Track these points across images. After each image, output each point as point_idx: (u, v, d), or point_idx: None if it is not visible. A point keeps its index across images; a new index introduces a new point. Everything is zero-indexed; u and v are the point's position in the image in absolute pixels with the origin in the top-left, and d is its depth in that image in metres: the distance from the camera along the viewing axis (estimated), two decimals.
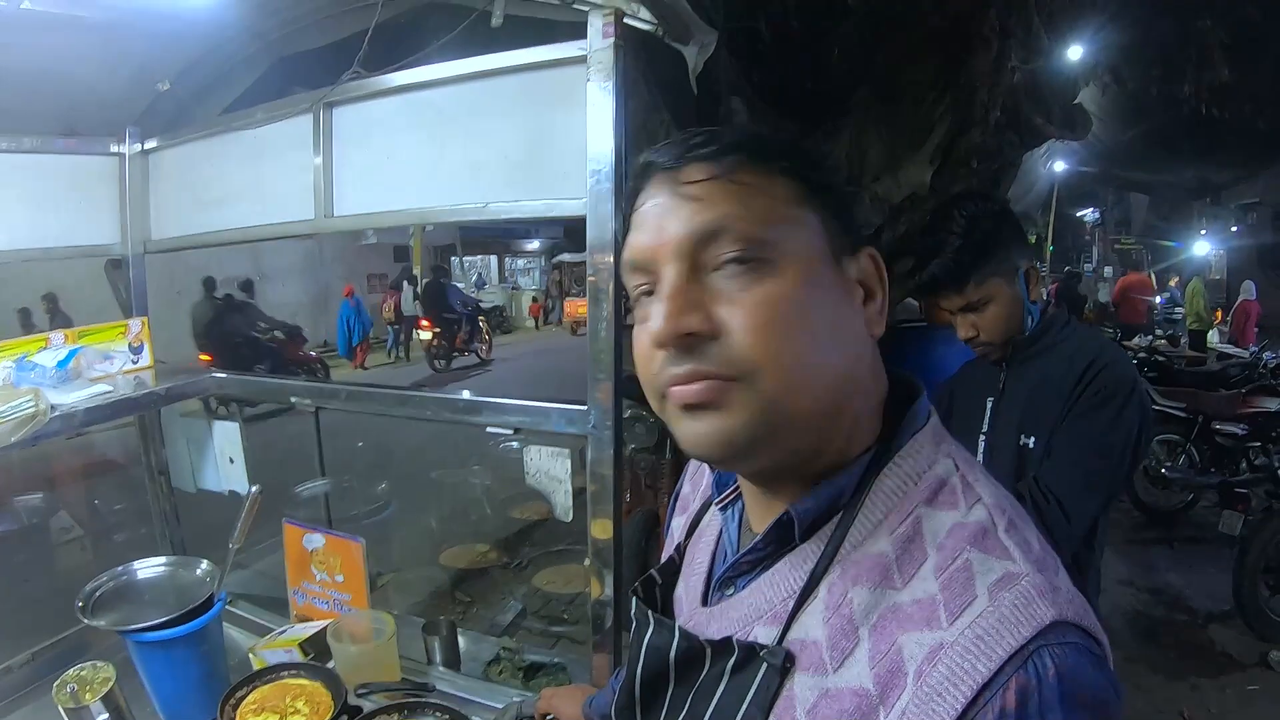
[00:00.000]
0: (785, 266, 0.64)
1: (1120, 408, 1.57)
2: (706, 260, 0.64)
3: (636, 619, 0.79)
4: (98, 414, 1.71)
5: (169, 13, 1.73)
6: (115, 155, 2.16)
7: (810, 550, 0.67)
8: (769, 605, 0.68)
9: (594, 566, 1.50)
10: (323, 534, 1.79)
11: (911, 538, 0.63)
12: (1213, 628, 4.28)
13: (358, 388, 1.87)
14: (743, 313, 0.62)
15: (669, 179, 0.67)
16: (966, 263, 1.65)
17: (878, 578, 0.62)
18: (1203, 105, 6.07)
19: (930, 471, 0.67)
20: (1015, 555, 0.61)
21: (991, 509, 0.64)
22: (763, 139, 0.68)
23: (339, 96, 1.73)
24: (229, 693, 1.47)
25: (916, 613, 0.59)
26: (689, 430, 0.65)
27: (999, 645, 0.55)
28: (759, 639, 0.67)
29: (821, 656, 0.62)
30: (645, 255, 0.67)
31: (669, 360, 0.64)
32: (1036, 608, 0.56)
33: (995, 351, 1.75)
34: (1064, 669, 0.54)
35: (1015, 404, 1.73)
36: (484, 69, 1.52)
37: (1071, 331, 1.73)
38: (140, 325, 2.10)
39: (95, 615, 1.57)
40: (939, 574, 0.60)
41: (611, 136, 1.35)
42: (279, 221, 1.92)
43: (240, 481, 2.04)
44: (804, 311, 0.64)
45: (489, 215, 1.56)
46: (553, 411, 1.51)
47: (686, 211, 0.65)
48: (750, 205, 0.64)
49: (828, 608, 0.63)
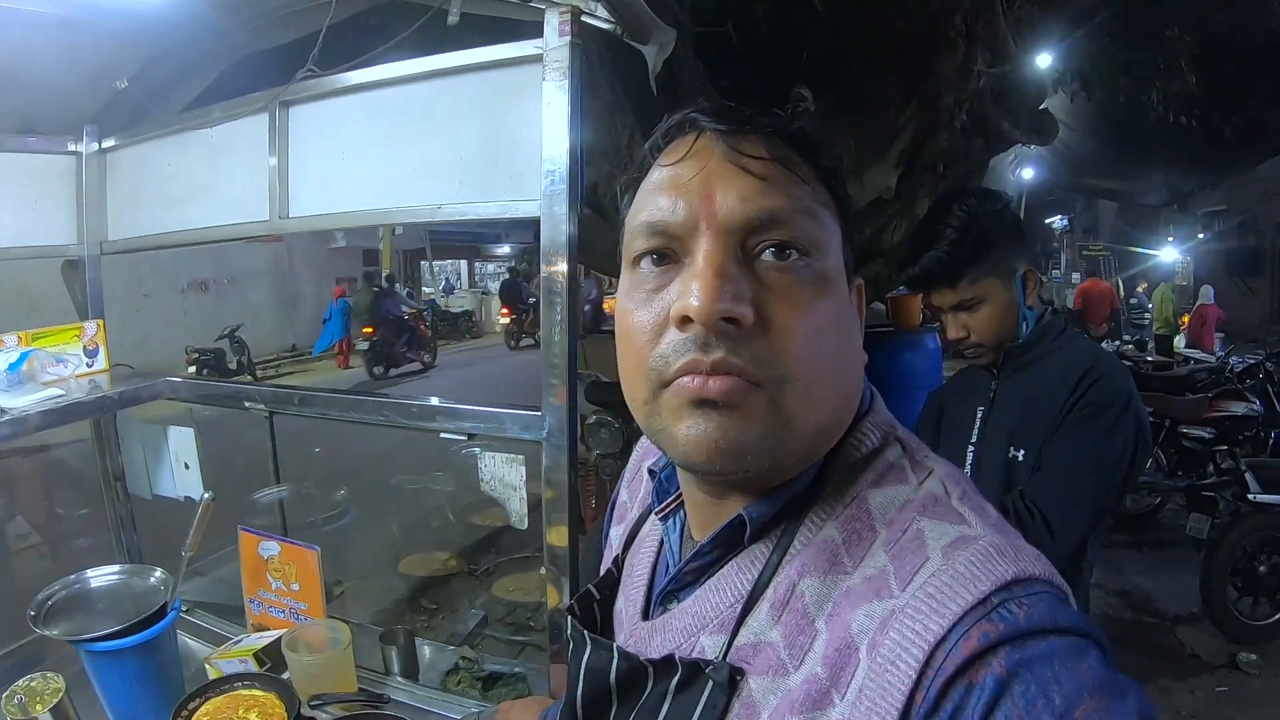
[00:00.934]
0: (825, 273, 0.61)
1: (1114, 421, 1.51)
2: (752, 246, 0.59)
3: (573, 639, 0.73)
4: (50, 418, 1.68)
5: (127, 11, 1.72)
6: (72, 154, 2.12)
7: (759, 551, 0.63)
8: (715, 612, 0.64)
9: (551, 574, 1.49)
10: (278, 541, 1.76)
11: (858, 517, 0.60)
12: (1181, 629, 4.32)
13: (310, 392, 1.84)
14: (788, 312, 0.58)
15: (722, 143, 0.60)
16: (961, 258, 1.60)
17: (826, 565, 0.59)
18: (1170, 113, 6.16)
19: (879, 456, 0.64)
20: (970, 520, 0.57)
21: (944, 479, 0.62)
22: (820, 135, 0.65)
23: (295, 95, 1.71)
24: (180, 704, 1.44)
25: (867, 589, 0.55)
26: (694, 431, 0.57)
27: (953, 601, 0.51)
28: (705, 649, 0.63)
29: (779, 657, 0.57)
30: (680, 221, 0.60)
31: (693, 343, 0.57)
32: (996, 564, 0.52)
33: (985, 355, 1.69)
34: (1036, 613, 0.50)
35: (1005, 414, 1.66)
36: (440, 68, 1.50)
37: (1067, 340, 1.67)
38: (96, 328, 2.06)
39: (48, 625, 1.54)
40: (889, 547, 0.57)
41: (567, 137, 1.33)
42: (235, 222, 1.88)
43: (195, 487, 2.00)
44: (834, 326, 0.61)
45: (443, 216, 1.53)
46: (506, 417, 1.49)
47: (747, 187, 0.59)
48: (804, 200, 0.60)
49: (778, 605, 0.59)
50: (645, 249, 0.62)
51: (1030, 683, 0.47)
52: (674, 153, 0.63)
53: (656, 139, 0.66)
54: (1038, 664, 0.48)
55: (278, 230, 1.80)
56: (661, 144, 0.65)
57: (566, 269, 1.36)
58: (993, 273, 1.61)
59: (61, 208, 2.13)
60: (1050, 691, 0.46)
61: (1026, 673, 0.47)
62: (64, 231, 2.13)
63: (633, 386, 0.63)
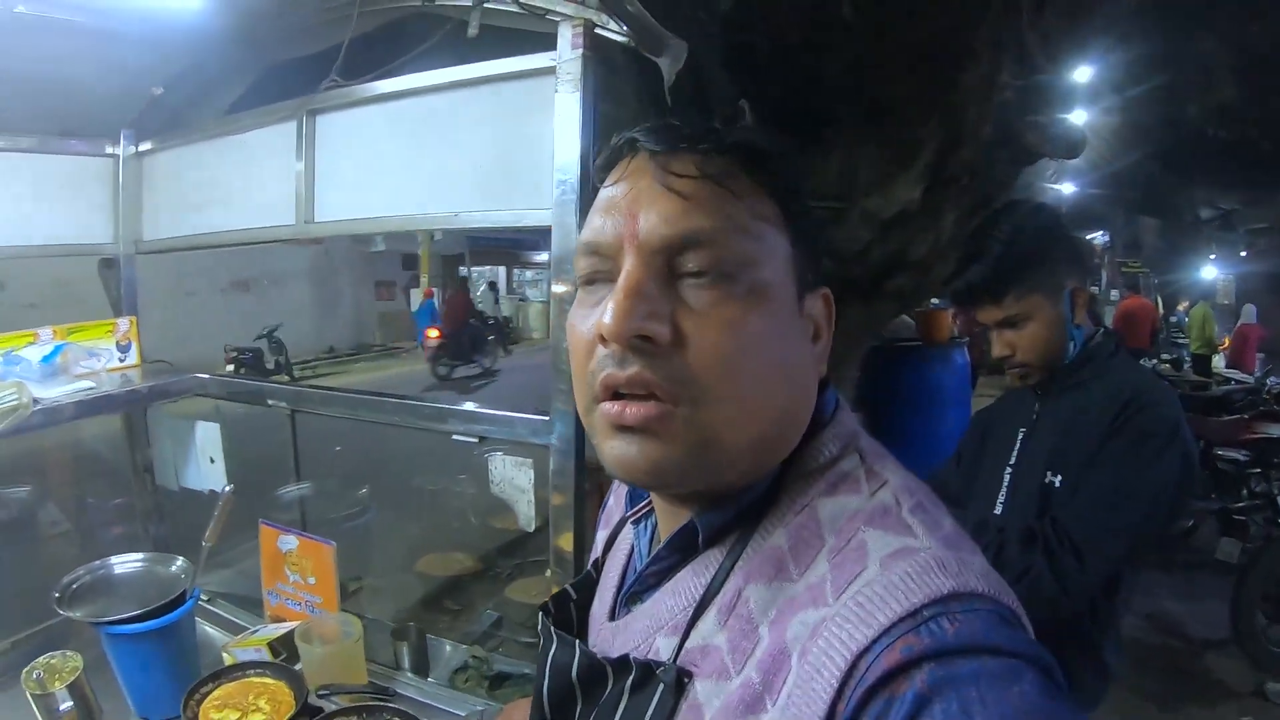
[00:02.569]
0: (756, 290, 0.60)
1: (1158, 451, 1.41)
2: (677, 265, 0.60)
3: (542, 635, 0.76)
4: (81, 409, 1.74)
5: (163, 20, 1.77)
6: (110, 157, 2.21)
7: (713, 557, 0.64)
8: (670, 615, 0.65)
9: (556, 576, 1.51)
10: (297, 536, 1.81)
11: (807, 525, 0.60)
12: (1209, 656, 4.22)
13: (330, 392, 1.89)
14: (708, 330, 0.58)
15: (653, 164, 0.61)
16: (1007, 273, 1.53)
17: (773, 572, 0.59)
18: (1209, 127, 6.03)
19: (835, 465, 0.64)
20: (918, 532, 0.56)
21: (897, 491, 0.61)
22: (759, 147, 0.64)
23: (321, 104, 1.76)
24: (193, 688, 1.48)
25: (807, 596, 0.56)
26: (616, 452, 0.60)
27: (881, 612, 0.50)
28: (660, 650, 0.65)
29: (723, 660, 0.58)
30: (609, 240, 0.61)
31: (612, 359, 0.59)
32: (934, 577, 0.51)
33: (1032, 375, 1.61)
34: (969, 631, 0.48)
35: (1046, 437, 1.59)
36: (459, 79, 1.55)
37: (1118, 364, 1.59)
38: (129, 324, 2.13)
39: (71, 607, 1.59)
40: (832, 556, 0.57)
41: (579, 147, 1.37)
42: (264, 225, 1.94)
43: (219, 480, 2.06)
44: (765, 342, 0.60)
45: (459, 224, 1.58)
46: (516, 421, 1.52)
47: (670, 208, 0.59)
48: (736, 217, 0.60)
49: (725, 610, 0.61)
50: (581, 266, 0.65)
51: (952, 701, 0.45)
52: (614, 173, 0.65)
53: (603, 160, 0.67)
54: (963, 683, 0.46)
55: (304, 234, 1.85)
56: (606, 165, 0.67)
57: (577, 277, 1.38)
58: (1039, 289, 1.54)
59: (99, 208, 2.21)
60: (973, 712, 0.45)
61: (950, 690, 0.46)
62: (101, 231, 2.22)
63: (579, 399, 0.66)
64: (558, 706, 0.71)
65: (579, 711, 0.69)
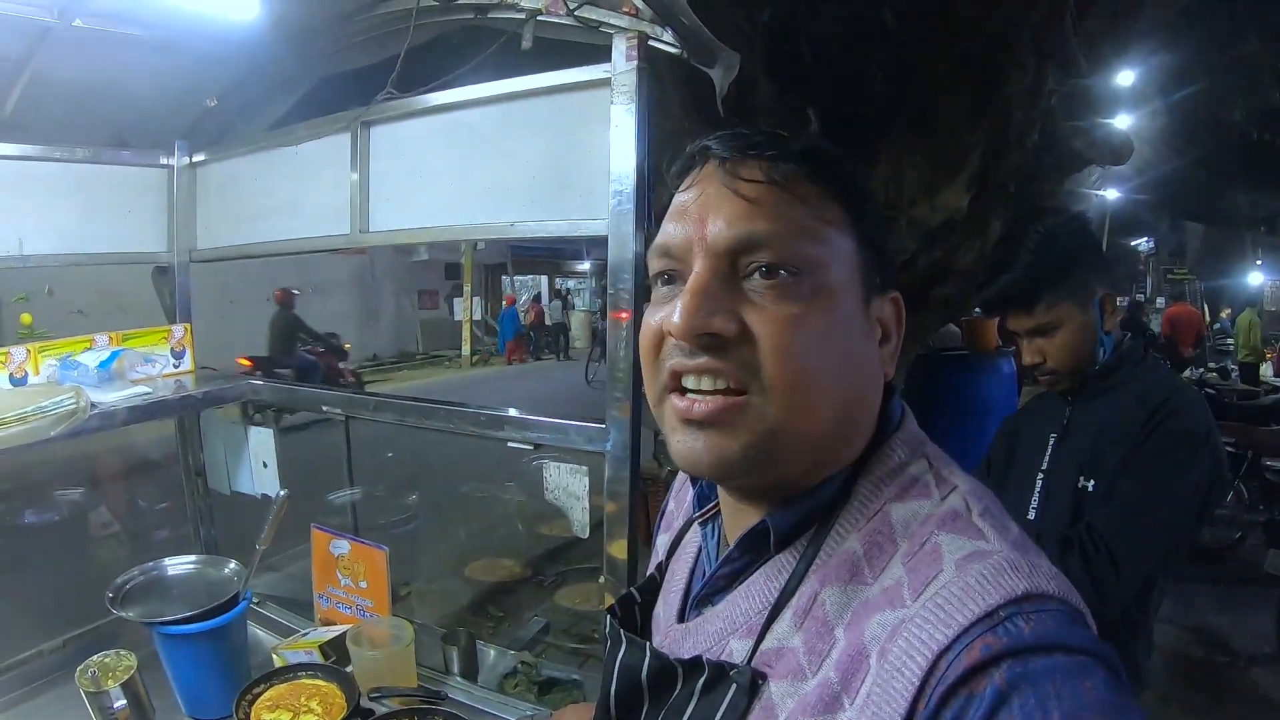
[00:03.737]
0: (820, 290, 0.63)
1: (1190, 456, 1.44)
2: (742, 265, 0.63)
3: (610, 638, 0.78)
4: (136, 414, 1.78)
5: (216, 33, 1.82)
6: (164, 167, 2.25)
7: (785, 561, 0.66)
8: (744, 618, 0.67)
9: (610, 583, 1.52)
10: (349, 540, 1.83)
11: (880, 530, 0.62)
12: (1254, 671, 4.13)
13: (385, 399, 1.91)
14: (772, 324, 0.61)
15: (723, 170, 0.65)
16: (1038, 281, 1.56)
17: (848, 575, 0.61)
18: (1254, 130, 5.92)
19: (903, 472, 0.66)
20: (989, 535, 0.59)
21: (966, 495, 0.63)
22: (825, 153, 0.67)
23: (375, 115, 1.79)
24: (246, 688, 1.51)
25: (883, 599, 0.57)
26: (685, 445, 0.64)
27: (960, 612, 0.52)
28: (733, 652, 0.66)
29: (799, 662, 0.60)
30: (680, 244, 0.65)
31: (679, 350, 0.63)
32: (1007, 578, 0.53)
33: (1062, 382, 1.64)
34: (1043, 630, 0.51)
35: (1078, 443, 1.60)
36: (513, 91, 1.57)
37: (1147, 369, 1.61)
38: (183, 331, 2.18)
39: (124, 607, 1.63)
40: (906, 560, 0.59)
41: (634, 158, 1.38)
42: (316, 235, 1.98)
43: (272, 485, 2.10)
44: (828, 340, 0.63)
45: (515, 234, 1.60)
46: (572, 429, 1.53)
47: (736, 211, 0.63)
48: (800, 220, 0.63)
49: (800, 613, 0.62)
50: (656, 270, 0.68)
51: (1030, 696, 0.47)
52: (687, 180, 0.68)
53: (677, 168, 0.71)
54: (1039, 679, 0.48)
55: (358, 244, 1.89)
56: (680, 173, 0.70)
57: (633, 286, 1.40)
58: (1069, 297, 1.56)
59: (153, 217, 2.26)
60: (1049, 706, 0.47)
61: (1027, 686, 0.48)
62: (155, 239, 2.26)
63: (649, 390, 0.69)
64: (624, 708, 0.73)
65: (645, 712, 0.71)
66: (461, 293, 18.40)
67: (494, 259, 22.46)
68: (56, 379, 1.84)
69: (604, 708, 0.75)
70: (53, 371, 1.86)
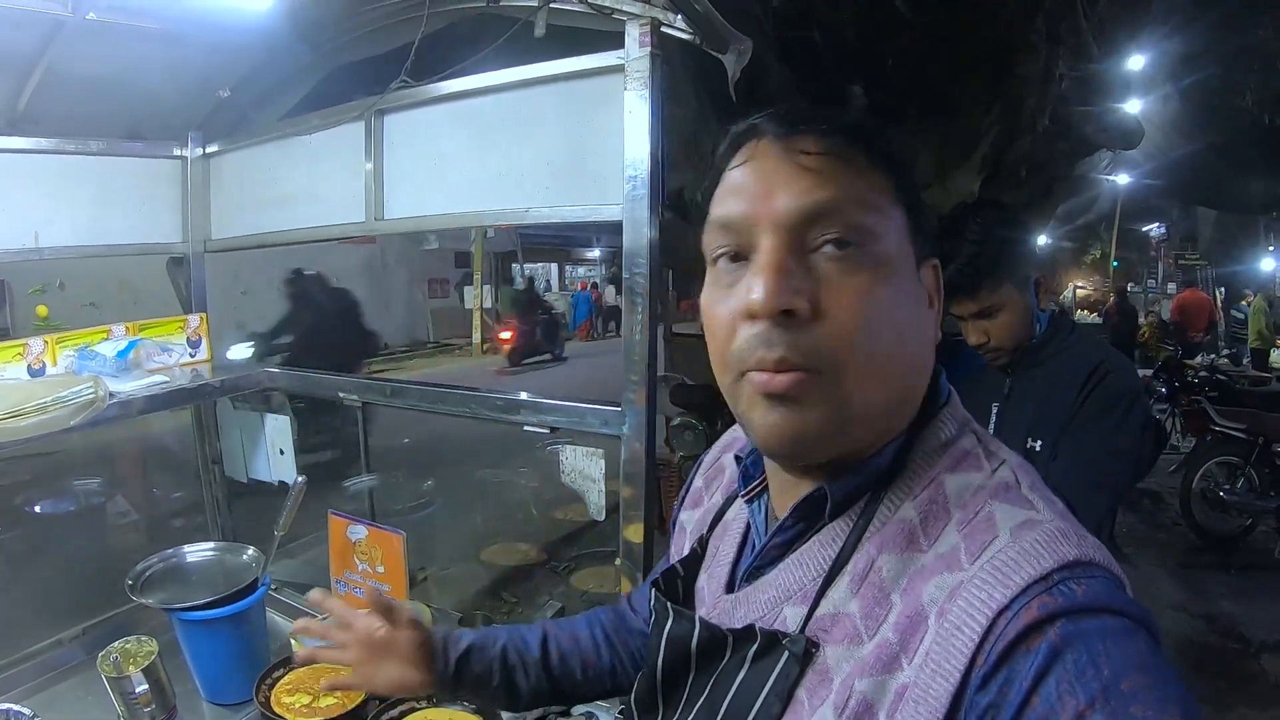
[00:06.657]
0: (882, 260, 0.64)
1: (1126, 411, 1.60)
2: (811, 238, 0.63)
3: (655, 611, 0.79)
4: (154, 403, 1.80)
5: (229, 24, 1.82)
6: (178, 158, 2.27)
7: (840, 528, 0.67)
8: (798, 585, 0.68)
9: (625, 567, 1.53)
10: (366, 526, 1.85)
11: (935, 499, 0.64)
12: (1265, 658, 4.12)
13: (400, 384, 1.92)
14: (842, 299, 0.61)
15: (778, 145, 0.65)
16: (982, 270, 1.68)
17: (904, 543, 0.63)
18: (1266, 115, 5.88)
19: (955, 444, 0.68)
20: (1039, 506, 0.61)
21: (1015, 469, 0.66)
22: (873, 125, 0.68)
23: (389, 104, 1.80)
24: (266, 672, 1.54)
25: (939, 564, 0.60)
26: (766, 420, 0.63)
27: (1017, 574, 0.55)
28: (787, 620, 0.67)
29: (855, 626, 0.62)
30: (743, 220, 0.65)
31: (759, 340, 0.62)
32: (1060, 545, 0.56)
33: (1004, 357, 1.77)
34: (1093, 593, 0.54)
35: (1022, 408, 1.75)
36: (526, 78, 1.57)
37: (1077, 338, 1.76)
38: (199, 320, 2.20)
39: (144, 594, 1.66)
40: (961, 527, 0.61)
41: (648, 144, 1.38)
42: (332, 223, 1.99)
43: (289, 472, 2.12)
44: (895, 309, 0.64)
45: (530, 219, 1.60)
46: (588, 412, 1.53)
47: (801, 183, 0.63)
48: (859, 190, 0.64)
49: (857, 579, 0.64)
50: (718, 247, 0.68)
51: (1082, 652, 0.51)
52: (739, 157, 0.68)
53: (726, 146, 0.70)
54: (1091, 637, 0.51)
55: (374, 231, 1.90)
56: (730, 150, 0.70)
57: (648, 271, 1.41)
58: (1010, 280, 1.69)
59: (167, 208, 2.28)
60: (1099, 662, 0.50)
61: (1079, 643, 0.51)
62: (170, 230, 2.28)
63: (719, 374, 0.69)
64: (670, 679, 0.75)
65: (691, 680, 0.73)
66: (472, 281, 18.35)
67: (504, 247, 22.42)
68: (75, 369, 1.85)
69: (649, 680, 0.77)
70: (71, 362, 1.88)
